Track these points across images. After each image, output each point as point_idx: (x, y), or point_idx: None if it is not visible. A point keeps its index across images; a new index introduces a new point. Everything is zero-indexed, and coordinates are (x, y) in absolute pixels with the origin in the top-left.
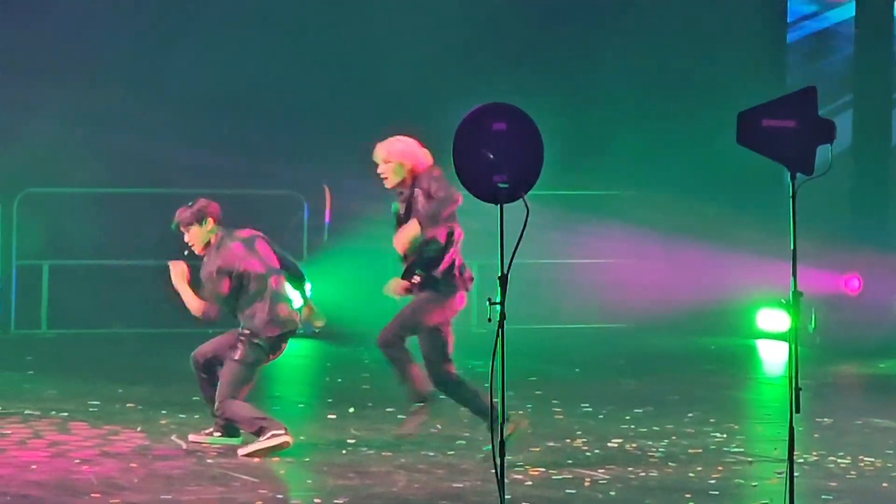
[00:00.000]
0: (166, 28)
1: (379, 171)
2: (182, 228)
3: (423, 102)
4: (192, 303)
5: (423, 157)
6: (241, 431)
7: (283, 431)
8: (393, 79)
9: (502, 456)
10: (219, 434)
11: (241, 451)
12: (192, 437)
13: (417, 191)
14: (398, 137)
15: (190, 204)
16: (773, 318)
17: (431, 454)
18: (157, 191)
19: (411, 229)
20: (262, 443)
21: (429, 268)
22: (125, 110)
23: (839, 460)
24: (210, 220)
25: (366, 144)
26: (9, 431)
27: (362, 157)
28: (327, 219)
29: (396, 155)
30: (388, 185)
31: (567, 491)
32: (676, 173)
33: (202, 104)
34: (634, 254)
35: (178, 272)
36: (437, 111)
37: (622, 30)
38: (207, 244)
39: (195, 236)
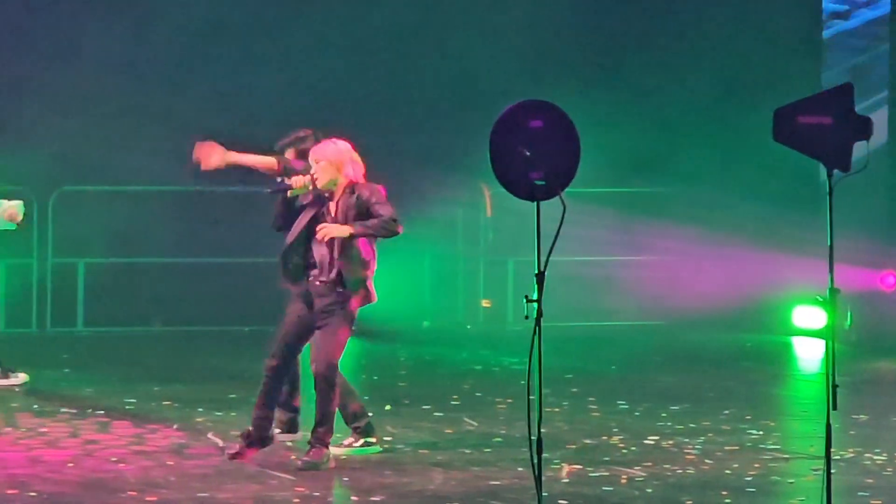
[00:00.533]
0: (203, 23)
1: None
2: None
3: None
4: (261, 161)
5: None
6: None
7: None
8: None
9: (539, 453)
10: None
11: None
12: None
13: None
14: (333, 140)
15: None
16: (810, 315)
17: (468, 452)
18: (191, 188)
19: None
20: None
21: None
22: (161, 106)
23: (875, 457)
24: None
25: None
26: (45, 430)
27: (397, 154)
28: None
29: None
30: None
31: (604, 488)
32: (713, 170)
33: (239, 99)
34: (671, 251)
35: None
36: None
37: (666, 30)
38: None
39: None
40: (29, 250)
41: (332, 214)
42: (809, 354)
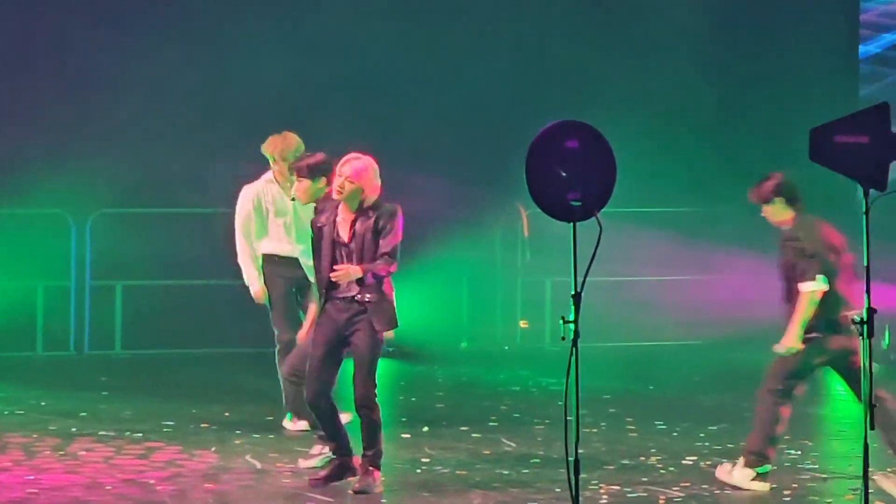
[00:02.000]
0: (238, 48)
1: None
2: None
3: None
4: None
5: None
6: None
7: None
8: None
9: (577, 474)
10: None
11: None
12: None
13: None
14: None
15: None
16: None
17: (506, 472)
18: (228, 210)
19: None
20: None
21: None
22: (197, 129)
23: None
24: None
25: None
26: (83, 452)
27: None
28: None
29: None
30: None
31: None
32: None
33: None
34: (709, 270)
35: None
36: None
37: (692, 44)
38: None
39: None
40: (67, 273)
41: (347, 239)
42: None
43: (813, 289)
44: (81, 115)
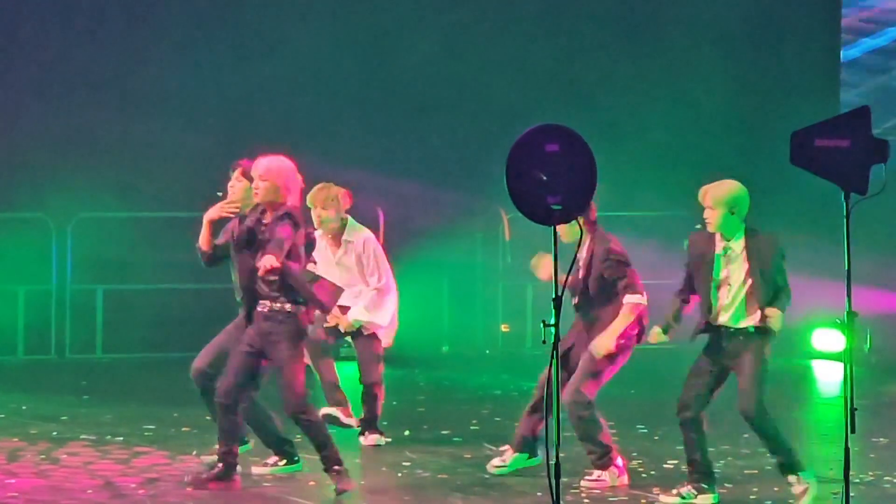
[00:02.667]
0: (217, 53)
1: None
2: None
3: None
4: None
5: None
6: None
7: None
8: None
9: (557, 478)
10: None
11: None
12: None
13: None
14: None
15: None
16: (829, 339)
17: (487, 477)
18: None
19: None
20: None
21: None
22: (179, 133)
23: (895, 480)
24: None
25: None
26: (64, 456)
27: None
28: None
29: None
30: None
31: None
32: None
33: (252, 125)
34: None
35: None
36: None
37: (674, 48)
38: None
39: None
40: (48, 277)
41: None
42: (829, 377)
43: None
44: (62, 119)
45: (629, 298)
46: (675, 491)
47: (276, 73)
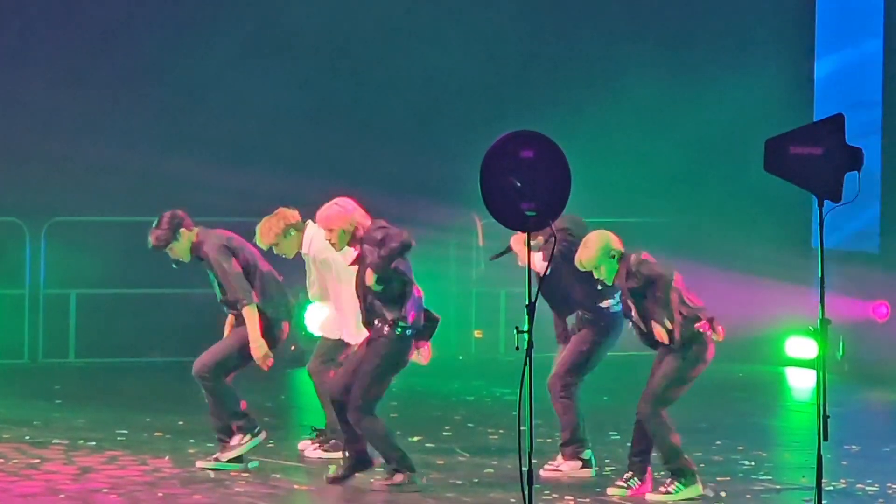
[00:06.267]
0: (199, 54)
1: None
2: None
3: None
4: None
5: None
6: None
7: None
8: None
9: (530, 483)
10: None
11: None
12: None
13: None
14: (334, 201)
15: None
16: (802, 346)
17: (459, 482)
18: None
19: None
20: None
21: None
22: (154, 137)
23: (867, 487)
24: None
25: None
26: (37, 460)
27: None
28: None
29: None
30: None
31: None
32: (705, 201)
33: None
34: None
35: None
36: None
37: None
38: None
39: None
40: (21, 281)
41: None
42: (801, 385)
43: None
44: (36, 122)
45: None
46: (661, 489)
47: (238, 87)
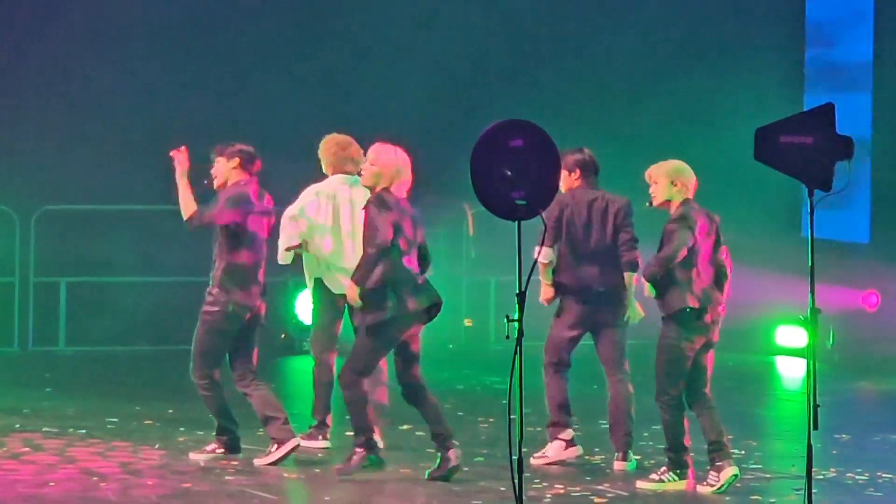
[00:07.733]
0: (184, 48)
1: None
2: None
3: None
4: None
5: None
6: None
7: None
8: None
9: (520, 473)
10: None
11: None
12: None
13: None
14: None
15: None
16: (792, 335)
17: None
18: (174, 207)
19: None
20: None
21: None
22: (143, 127)
23: (857, 476)
24: None
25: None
26: (27, 448)
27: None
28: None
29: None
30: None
31: None
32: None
33: (218, 118)
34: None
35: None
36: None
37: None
38: None
39: None
40: (11, 269)
41: None
42: (792, 374)
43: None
44: (26, 111)
45: None
46: (654, 476)
47: (228, 72)
